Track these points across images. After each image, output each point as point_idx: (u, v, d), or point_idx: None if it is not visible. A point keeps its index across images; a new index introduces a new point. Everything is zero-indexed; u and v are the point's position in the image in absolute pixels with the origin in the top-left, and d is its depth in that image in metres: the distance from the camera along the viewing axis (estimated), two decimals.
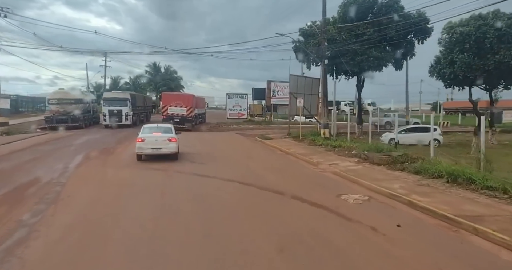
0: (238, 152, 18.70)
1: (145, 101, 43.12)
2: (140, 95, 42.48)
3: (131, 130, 29.44)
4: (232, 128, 37.73)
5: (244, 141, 24.71)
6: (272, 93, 42.77)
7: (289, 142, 21.83)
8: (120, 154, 17.09)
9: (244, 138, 27.23)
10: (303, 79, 26.06)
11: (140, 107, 38.37)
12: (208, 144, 22.30)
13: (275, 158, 16.73)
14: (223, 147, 20.97)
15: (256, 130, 34.43)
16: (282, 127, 39.60)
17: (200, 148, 20.18)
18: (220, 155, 17.31)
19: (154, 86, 75.47)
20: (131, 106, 33.09)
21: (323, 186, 10.52)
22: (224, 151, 19.15)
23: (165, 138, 14.54)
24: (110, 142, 21.68)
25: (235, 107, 42.56)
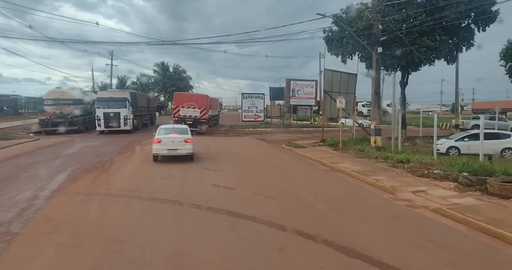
0: (271, 167, 14.38)
1: (149, 102, 37.73)
2: (142, 95, 37.45)
3: (133, 137, 25.28)
4: (248, 132, 33.48)
5: (270, 150, 20.39)
6: (292, 93, 38.56)
7: (329, 152, 17.44)
8: (117, 172, 12.88)
9: (267, 144, 22.92)
10: (338, 75, 21.67)
11: (142, 109, 33.52)
12: (227, 153, 18.05)
13: (322, 177, 12.38)
14: (248, 158, 16.72)
15: (277, 135, 30.11)
16: (305, 131, 35.27)
17: (220, 158, 15.94)
18: (248, 172, 13.05)
19: (162, 86, 71.65)
20: (131, 108, 28.09)
21: (443, 246, 6.17)
22: (252, 165, 14.88)
23: (181, 139, 14.24)
24: (107, 153, 17.52)
25: (250, 108, 38.32)
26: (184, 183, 11.02)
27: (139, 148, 19.71)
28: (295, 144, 21.18)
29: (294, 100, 38.71)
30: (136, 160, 15.69)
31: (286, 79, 38.92)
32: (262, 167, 14.54)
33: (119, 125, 26.79)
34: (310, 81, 39.37)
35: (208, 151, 18.83)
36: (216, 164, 14.47)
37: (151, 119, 38.26)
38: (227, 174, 12.59)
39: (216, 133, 31.76)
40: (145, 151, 18.57)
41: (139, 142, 22.20)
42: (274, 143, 23.99)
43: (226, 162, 15.15)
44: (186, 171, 12.89)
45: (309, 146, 20.30)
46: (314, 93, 38.99)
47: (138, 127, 30.38)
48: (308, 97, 38.87)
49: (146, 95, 40.35)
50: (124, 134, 26.24)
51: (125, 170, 13.20)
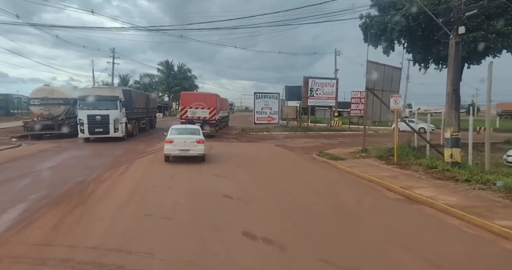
0: (313, 193, 10.21)
1: (148, 102, 32.07)
2: (140, 94, 31.60)
3: (130, 145, 20.83)
4: (263, 136, 29.33)
5: (299, 162, 16.21)
6: (310, 92, 34.34)
7: (383, 168, 13.20)
8: (99, 205, 8.66)
9: (292, 153, 18.75)
10: (382, 69, 17.45)
11: (140, 111, 28.13)
12: (245, 166, 13.96)
13: (405, 217, 8.05)
14: (273, 175, 12.57)
15: (297, 141, 25.94)
16: (326, 135, 30.83)
17: (240, 175, 11.82)
18: (283, 204, 8.89)
19: (166, 86, 67.67)
20: (125, 110, 22.98)
21: None
22: (281, 186, 10.72)
23: (193, 139, 13.94)
24: (95, 167, 13.40)
25: (264, 109, 34.13)
26: (200, 230, 6.88)
27: (138, 159, 15.64)
28: (328, 153, 17.01)
29: (312, 100, 34.48)
30: (131, 179, 11.59)
31: (304, 77, 34.70)
32: (297, 187, 10.38)
33: (107, 131, 21.59)
34: (330, 80, 35.11)
35: (222, 161, 14.74)
36: (238, 186, 10.35)
37: (151, 123, 33.41)
38: (257, 207, 8.46)
39: (227, 137, 27.69)
40: (145, 164, 14.51)
41: (138, 151, 18.15)
42: (299, 151, 19.84)
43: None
44: (201, 202, 8.78)
45: (349, 156, 16.10)
46: (335, 92, 34.75)
47: (134, 132, 25.48)
48: (328, 97, 34.63)
49: (144, 94, 34.56)
50: (115, 142, 21.37)
51: (113, 200, 9.06)
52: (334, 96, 34.82)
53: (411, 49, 18.65)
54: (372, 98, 16.69)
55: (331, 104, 35.14)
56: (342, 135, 31.61)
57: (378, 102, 17.17)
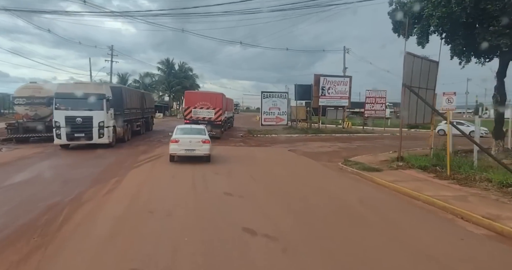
0: (360, 224, 7.50)
1: (143, 102, 27.64)
2: (133, 92, 26.77)
3: (124, 151, 17.44)
4: (272, 139, 26.66)
5: (324, 173, 13.44)
6: (321, 91, 31.67)
7: (437, 184, 10.44)
8: (73, 241, 5.97)
9: (312, 161, 16.03)
10: (419, 62, 14.66)
11: (133, 112, 23.91)
12: (261, 178, 11.28)
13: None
14: (299, 193, 9.89)
15: (311, 144, 23.28)
16: (340, 138, 27.90)
17: (254, 188, 9.08)
18: (329, 249, 6.21)
19: (167, 85, 64.99)
20: (113, 110, 19.17)
21: None
22: (313, 212, 8.00)
23: (199, 139, 13.65)
24: (77, 181, 10.63)
25: (272, 110, 31.41)
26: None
27: (132, 169, 12.94)
28: (356, 162, 14.32)
29: (324, 100, 31.77)
30: (121, 199, 8.88)
31: (315, 75, 31.97)
32: (345, 224, 7.67)
33: (90, 137, 17.62)
34: (343, 78, 32.38)
35: (232, 172, 12.06)
36: (260, 214, 7.66)
37: (147, 125, 29.17)
38: (296, 255, 5.77)
39: (233, 140, 25.04)
40: (139, 176, 11.80)
41: (133, 159, 15.42)
42: (318, 157, 17.15)
43: (274, 208, 8.31)
44: (213, 241, 6.05)
45: (383, 166, 13.39)
46: (348, 91, 32.04)
47: (125, 137, 21.37)
48: (341, 96, 31.91)
49: (139, 92, 29.63)
50: (101, 149, 17.70)
51: (90, 239, 6.34)
52: (347, 96, 32.10)
53: (450, 40, 15.92)
54: (409, 97, 13.96)
55: (344, 104, 32.42)
56: (357, 137, 28.95)
57: (414, 102, 14.47)
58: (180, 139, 13.70)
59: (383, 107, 33.62)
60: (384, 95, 33.56)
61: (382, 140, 26.98)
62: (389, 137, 29.97)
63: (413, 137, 30.02)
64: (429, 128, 26.77)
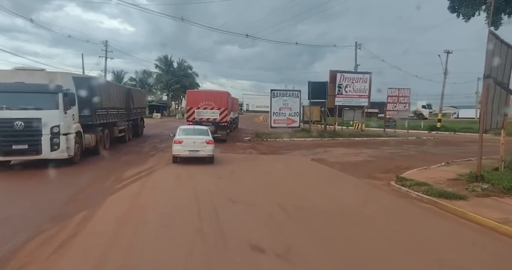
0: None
1: (131, 100, 21.38)
2: (112, 86, 20.12)
3: (86, 176, 11.41)
4: (286, 144, 22.79)
5: (378, 199, 9.35)
6: (338, 89, 27.85)
7: None
8: None
9: (350, 177, 12.11)
10: (505, 50, 10.84)
11: (113, 113, 17.56)
12: (290, 208, 7.41)
13: None
14: (368, 243, 6.13)
15: (334, 151, 19.46)
16: (360, 142, 23.95)
17: (289, 233, 5.22)
18: None
19: (165, 84, 61.00)
20: (76, 111, 13.47)
21: None
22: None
23: (202, 140, 13.32)
24: (10, 228, 6.66)
25: (282, 110, 27.54)
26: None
27: (109, 197, 8.88)
28: (415, 181, 10.48)
29: (341, 99, 27.93)
30: (82, 264, 5.05)
31: (331, 71, 28.15)
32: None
33: (36, 150, 11.78)
34: (362, 74, 28.46)
35: (249, 197, 7.98)
36: None
37: (135, 129, 23.01)
38: None
39: (240, 145, 21.28)
40: (119, 210, 7.72)
41: (112, 178, 11.26)
42: (352, 171, 13.31)
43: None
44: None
45: (458, 188, 9.54)
46: (368, 89, 28.22)
47: (100, 148, 15.50)
48: (360, 95, 28.08)
49: (122, 87, 22.90)
50: (64, 167, 12.13)
51: None
52: (367, 95, 28.27)
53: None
54: (493, 92, 10.12)
55: (363, 103, 28.56)
56: (382, 142, 25.08)
57: (490, 101, 10.64)
58: (183, 139, 13.26)
59: (406, 107, 29.83)
60: (408, 94, 29.74)
61: (416, 145, 23.16)
62: (419, 141, 26.15)
63: (446, 142, 26.25)
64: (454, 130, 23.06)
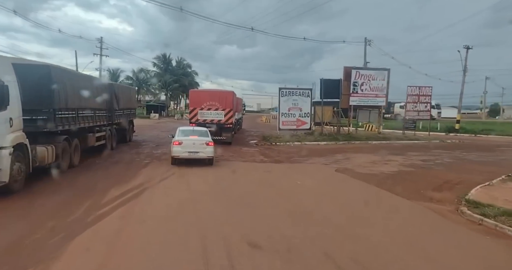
0: None
1: (114, 99, 16.50)
2: (82, 78, 14.24)
3: (47, 208, 6.98)
4: (298, 149, 19.84)
5: (460, 245, 6.41)
6: (353, 87, 24.99)
7: None
8: None
9: (399, 199, 9.13)
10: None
11: (83, 115, 12.80)
12: (343, 262, 4.50)
13: None
14: None
15: (357, 158, 16.61)
16: (385, 146, 20.47)
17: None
18: None
19: (163, 83, 58.01)
20: (17, 113, 8.35)
21: None
22: None
23: (202, 141, 12.89)
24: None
25: (292, 111, 24.67)
26: None
27: (71, 244, 5.62)
28: (498, 207, 7.63)
29: (356, 98, 25.07)
30: None
31: (345, 67, 25.27)
32: None
33: None
34: (380, 71, 25.50)
35: (279, 243, 4.92)
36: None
37: (123, 134, 18.34)
38: None
39: (247, 151, 18.50)
40: (94, 262, 4.69)
41: (86, 211, 7.76)
42: (391, 186, 10.45)
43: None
44: None
45: None
46: (386, 88, 25.36)
47: (64, 164, 10.88)
48: (377, 94, 25.22)
49: (101, 83, 16.60)
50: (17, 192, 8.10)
51: None
52: (385, 94, 25.42)
53: None
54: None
55: (380, 103, 25.70)
56: (405, 146, 22.15)
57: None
58: (183, 140, 12.87)
59: (427, 107, 26.94)
60: (429, 93, 26.87)
61: (446, 151, 20.24)
62: (446, 146, 23.27)
63: (475, 146, 23.21)
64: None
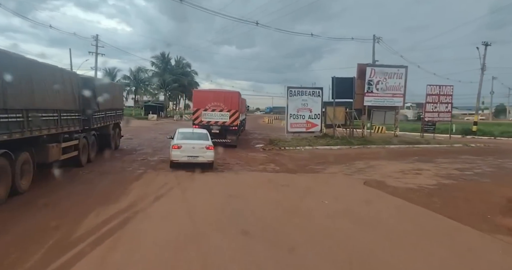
0: None
1: (91, 97, 12.32)
2: (42, 68, 9.01)
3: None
4: (310, 155, 17.55)
5: None
6: (367, 87, 22.71)
7: None
8: None
9: (474, 233, 6.79)
10: None
11: (44, 119, 8.78)
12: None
13: None
14: None
15: (382, 166, 14.33)
16: (405, 152, 17.91)
17: None
18: None
19: (162, 82, 55.63)
20: None
21: None
22: None
23: (202, 145, 12.16)
24: None
25: (301, 112, 22.40)
26: None
27: None
28: None
29: (371, 98, 22.82)
30: None
31: (359, 64, 23.00)
32: None
33: None
34: (397, 68, 23.16)
35: None
36: None
37: (105, 142, 14.60)
38: None
39: (254, 157, 16.23)
40: None
41: (46, 253, 4.87)
42: (440, 205, 8.17)
43: None
44: None
45: None
46: (404, 87, 23.10)
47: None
48: (394, 94, 22.97)
49: (69, 74, 11.16)
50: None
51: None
52: (402, 93, 23.17)
53: None
54: None
55: (397, 103, 23.43)
56: (429, 151, 19.88)
57: None
58: (182, 144, 12.11)
59: (448, 108, 24.66)
60: (451, 93, 24.59)
61: (477, 157, 17.84)
62: (473, 150, 20.85)
63: (503, 151, 20.85)
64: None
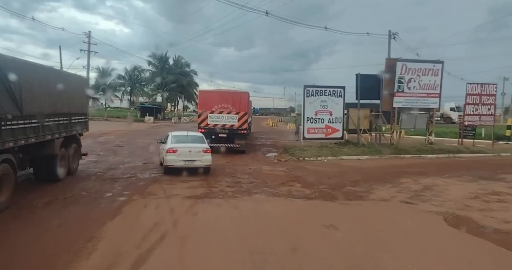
0: None
1: (9, 91, 6.87)
2: None
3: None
4: (337, 167, 13.81)
5: None
6: (398, 85, 19.03)
7: None
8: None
9: None
10: None
11: None
12: None
13: None
14: None
15: (440, 185, 10.55)
16: (455, 164, 13.84)
17: None
18: None
19: (160, 83, 51.88)
20: None
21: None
22: None
23: (199, 149, 11.37)
24: None
25: (320, 114, 18.77)
26: None
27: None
28: None
29: (401, 99, 19.16)
30: None
31: (387, 59, 19.39)
32: None
33: None
34: (432, 63, 19.44)
35: None
36: None
37: (42, 168, 8.98)
38: None
39: (271, 171, 12.52)
40: None
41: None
42: None
43: None
44: None
45: None
46: (439, 85, 19.45)
47: None
48: (428, 93, 19.35)
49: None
50: None
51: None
52: (438, 92, 19.52)
53: None
54: None
55: (432, 105, 19.75)
56: (477, 162, 16.21)
57: None
58: (178, 148, 11.11)
59: (491, 110, 21.02)
60: (494, 92, 20.96)
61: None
62: None
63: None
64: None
